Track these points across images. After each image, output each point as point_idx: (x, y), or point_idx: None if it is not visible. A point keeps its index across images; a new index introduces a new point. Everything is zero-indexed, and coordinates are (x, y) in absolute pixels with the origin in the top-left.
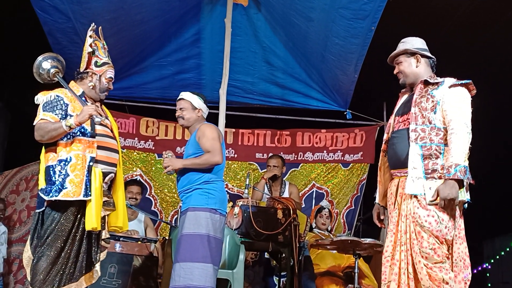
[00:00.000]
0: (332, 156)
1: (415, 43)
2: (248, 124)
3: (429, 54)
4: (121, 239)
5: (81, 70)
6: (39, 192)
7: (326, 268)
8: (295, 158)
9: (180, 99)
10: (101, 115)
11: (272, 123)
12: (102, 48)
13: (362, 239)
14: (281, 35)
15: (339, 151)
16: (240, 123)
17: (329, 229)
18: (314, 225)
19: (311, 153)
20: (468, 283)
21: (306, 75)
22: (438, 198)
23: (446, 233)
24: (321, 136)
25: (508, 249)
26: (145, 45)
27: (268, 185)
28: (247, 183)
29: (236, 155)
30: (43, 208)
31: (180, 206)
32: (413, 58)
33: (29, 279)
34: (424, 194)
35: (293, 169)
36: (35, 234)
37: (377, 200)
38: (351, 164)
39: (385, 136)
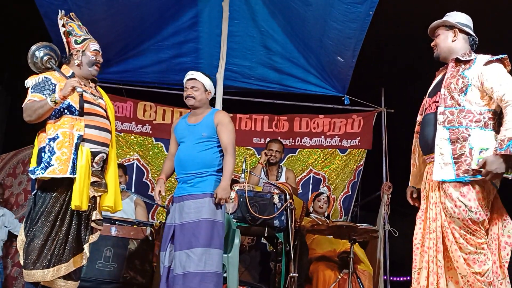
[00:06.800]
0: (330, 142)
1: (457, 17)
2: (246, 109)
3: (468, 31)
4: (116, 222)
5: (68, 54)
6: (29, 174)
7: (322, 253)
8: (293, 143)
9: (192, 78)
10: (94, 95)
11: (269, 108)
12: (78, 27)
13: (357, 224)
14: (279, 19)
15: (336, 137)
16: (238, 108)
17: (326, 214)
18: (311, 209)
19: (308, 138)
20: (507, 264)
21: (304, 60)
22: (484, 168)
23: (478, 218)
24: (318, 121)
25: None
26: (142, 28)
27: (264, 169)
28: (244, 167)
29: None
30: (35, 190)
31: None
32: (451, 31)
33: (21, 261)
34: (454, 180)
35: (291, 154)
36: (29, 217)
37: (410, 183)
38: (349, 149)
39: (418, 118)
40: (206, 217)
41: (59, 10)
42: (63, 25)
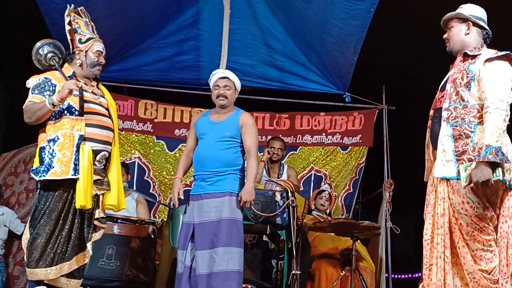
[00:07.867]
0: (331, 139)
1: (471, 10)
2: (247, 107)
3: (482, 24)
4: (119, 221)
5: (71, 52)
6: (31, 173)
7: (324, 250)
8: (294, 141)
9: (225, 77)
10: (95, 94)
11: (271, 106)
12: (85, 25)
13: (359, 221)
14: (280, 17)
15: (338, 134)
16: (239, 106)
17: (327, 212)
18: (313, 207)
19: (310, 136)
20: None
21: (305, 58)
22: (472, 183)
23: (486, 214)
24: (320, 119)
25: None
26: (143, 27)
27: (266, 167)
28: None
29: None
30: (38, 190)
31: (192, 183)
32: (464, 24)
33: (26, 259)
34: (456, 177)
35: (292, 152)
36: (33, 216)
37: (425, 179)
38: (350, 147)
39: (431, 112)
40: (226, 216)
41: (68, 5)
42: (69, 22)
